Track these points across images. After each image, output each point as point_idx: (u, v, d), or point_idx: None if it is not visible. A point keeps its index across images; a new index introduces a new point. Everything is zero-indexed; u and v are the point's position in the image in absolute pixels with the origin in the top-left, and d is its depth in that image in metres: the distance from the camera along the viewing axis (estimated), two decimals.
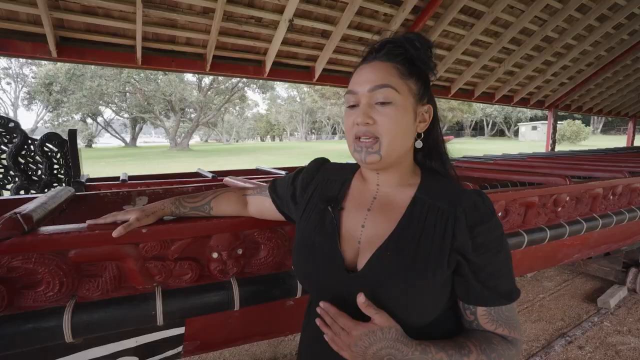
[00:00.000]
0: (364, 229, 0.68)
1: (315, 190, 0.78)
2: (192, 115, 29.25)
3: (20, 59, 26.96)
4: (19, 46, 2.79)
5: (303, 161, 0.87)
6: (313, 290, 0.74)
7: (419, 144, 0.69)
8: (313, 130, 57.06)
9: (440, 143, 0.72)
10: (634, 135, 9.59)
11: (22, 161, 2.39)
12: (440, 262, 0.61)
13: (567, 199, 1.87)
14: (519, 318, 0.66)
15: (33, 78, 28.44)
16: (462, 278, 0.63)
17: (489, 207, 0.63)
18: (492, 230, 0.62)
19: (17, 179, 2.38)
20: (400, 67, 0.64)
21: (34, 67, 28.82)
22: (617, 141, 25.57)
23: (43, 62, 22.27)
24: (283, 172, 2.83)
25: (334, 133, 55.57)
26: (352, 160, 0.76)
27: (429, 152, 0.72)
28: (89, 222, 0.86)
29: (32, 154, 2.41)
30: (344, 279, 0.65)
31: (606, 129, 46.63)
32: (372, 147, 0.64)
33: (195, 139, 51.39)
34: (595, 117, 42.38)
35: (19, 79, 31.31)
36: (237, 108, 37.76)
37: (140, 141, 41.00)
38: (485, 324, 0.63)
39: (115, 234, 0.81)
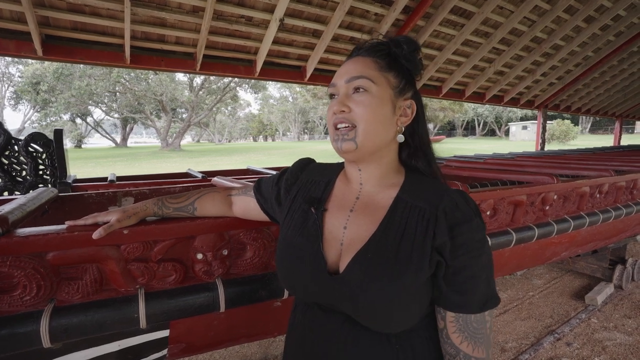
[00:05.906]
0: (346, 231, 0.66)
1: (299, 191, 0.76)
2: (184, 115, 29.00)
3: (6, 58, 26.46)
4: (2, 44, 2.72)
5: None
6: (296, 293, 0.72)
7: (401, 138, 0.68)
8: (306, 130, 56.94)
9: (426, 142, 0.71)
10: (620, 135, 9.77)
11: (6, 162, 2.33)
12: (422, 263, 0.59)
13: (555, 197, 1.89)
14: (491, 335, 0.62)
15: (20, 77, 27.83)
16: (438, 279, 0.61)
17: (471, 208, 0.62)
18: (473, 231, 0.60)
19: (0, 180, 2.32)
20: (380, 61, 0.66)
21: (20, 66, 28.23)
22: (605, 140, 26.05)
23: (30, 61, 21.91)
24: (274, 172, 2.80)
25: (326, 133, 55.49)
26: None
27: (415, 151, 0.71)
28: (68, 223, 0.84)
29: (17, 154, 2.35)
30: (326, 281, 0.63)
31: (594, 129, 47.46)
32: (347, 134, 0.64)
33: (186, 139, 51.01)
34: (584, 117, 43.11)
35: (4, 78, 30.65)
36: (229, 108, 37.55)
37: (131, 141, 40.53)
38: (453, 334, 0.61)
39: (95, 235, 0.79)
